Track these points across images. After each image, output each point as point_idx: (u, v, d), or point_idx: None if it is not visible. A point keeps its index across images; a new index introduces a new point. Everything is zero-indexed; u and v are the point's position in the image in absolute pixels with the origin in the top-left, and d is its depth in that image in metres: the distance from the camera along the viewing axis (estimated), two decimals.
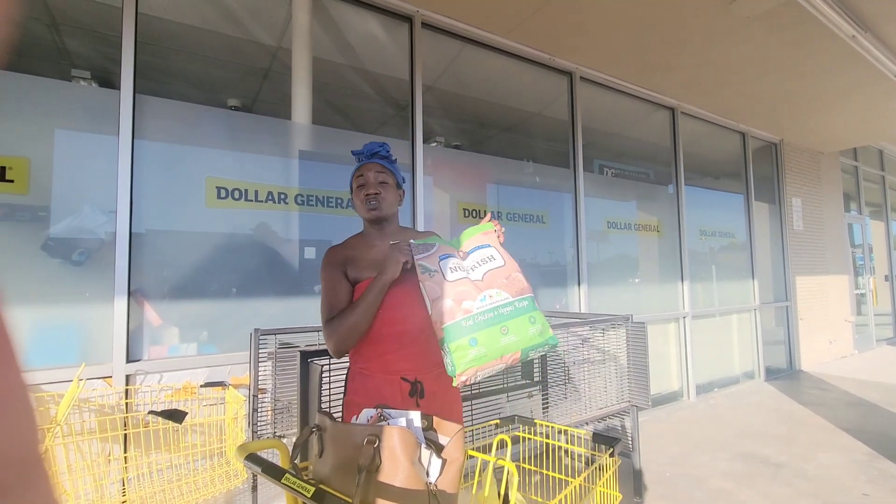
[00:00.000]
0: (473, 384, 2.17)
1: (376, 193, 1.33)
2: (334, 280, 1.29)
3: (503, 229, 1.36)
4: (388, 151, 1.42)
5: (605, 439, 1.24)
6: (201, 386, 2.02)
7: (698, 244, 4.83)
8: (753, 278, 5.31)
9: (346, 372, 1.34)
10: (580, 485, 1.10)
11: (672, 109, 4.57)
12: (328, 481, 0.84)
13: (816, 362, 5.97)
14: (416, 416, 0.92)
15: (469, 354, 1.07)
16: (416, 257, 1.21)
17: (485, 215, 1.40)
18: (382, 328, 1.24)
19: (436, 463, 0.85)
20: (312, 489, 0.72)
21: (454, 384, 1.10)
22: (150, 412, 1.66)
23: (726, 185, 5.44)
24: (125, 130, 2.05)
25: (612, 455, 1.20)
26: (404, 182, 1.44)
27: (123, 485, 1.76)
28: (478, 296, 1.15)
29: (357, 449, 0.80)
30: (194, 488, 1.74)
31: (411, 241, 1.28)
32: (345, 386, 1.34)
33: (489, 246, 1.28)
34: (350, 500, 0.75)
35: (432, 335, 1.25)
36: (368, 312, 1.20)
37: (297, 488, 0.73)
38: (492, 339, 1.09)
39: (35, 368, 1.82)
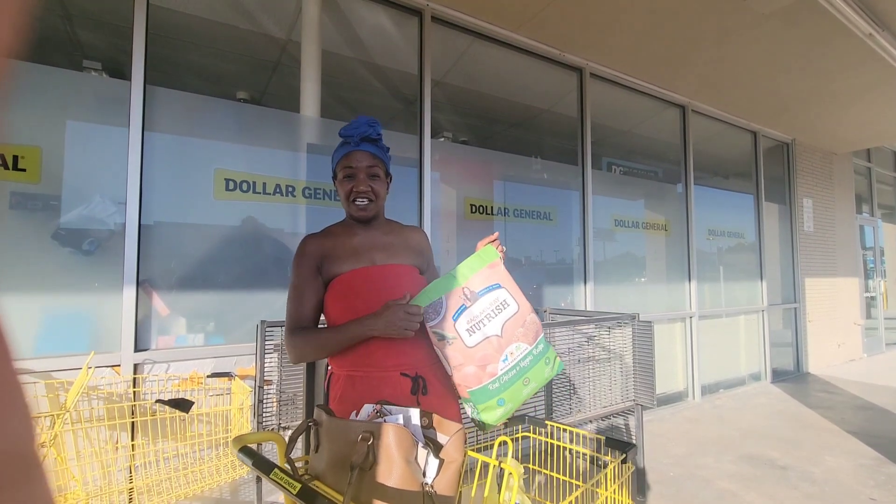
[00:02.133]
0: None
1: (366, 191, 1.19)
2: (305, 280, 1.18)
3: (504, 249, 1.26)
4: (379, 133, 1.23)
5: (620, 444, 1.22)
6: (208, 376, 2.04)
7: (706, 244, 4.79)
8: (762, 279, 5.26)
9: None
10: (589, 489, 1.09)
11: (683, 107, 4.52)
12: (323, 477, 0.83)
13: (824, 365, 5.91)
14: (414, 414, 0.90)
15: (497, 413, 1.12)
16: (428, 325, 1.13)
17: (493, 234, 1.26)
18: None
19: (433, 463, 0.84)
20: (299, 486, 0.71)
21: (484, 431, 1.17)
22: (158, 401, 1.68)
23: (736, 185, 5.38)
24: (135, 121, 2.06)
25: (624, 461, 1.17)
26: (389, 164, 1.30)
27: (131, 472, 1.78)
28: (500, 357, 1.13)
29: (351, 445, 0.79)
30: (200, 477, 1.76)
31: (421, 306, 1.13)
32: (326, 392, 1.20)
33: (500, 287, 1.19)
34: (340, 499, 0.74)
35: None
36: (336, 348, 1.12)
37: (284, 484, 0.73)
38: (516, 394, 1.14)
39: (45, 355, 1.85)
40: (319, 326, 1.21)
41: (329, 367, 1.22)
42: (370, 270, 1.19)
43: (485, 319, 1.15)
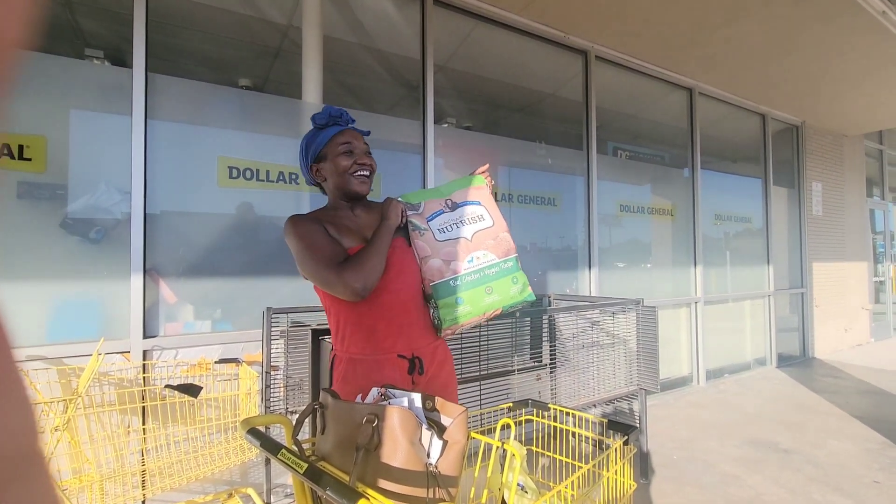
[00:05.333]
0: (483, 367, 2.19)
1: (369, 164, 1.21)
2: (320, 232, 1.15)
3: (492, 182, 1.35)
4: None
5: (621, 427, 1.23)
6: (215, 362, 2.07)
7: (713, 229, 4.75)
8: (769, 264, 5.23)
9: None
10: (591, 470, 1.10)
11: (690, 90, 4.45)
12: (329, 458, 0.85)
13: (831, 350, 5.89)
14: (416, 397, 0.92)
15: (455, 312, 1.18)
16: (408, 213, 1.23)
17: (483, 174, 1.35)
18: (376, 300, 1.13)
19: (437, 444, 0.85)
20: (305, 466, 0.73)
21: (439, 335, 1.22)
22: (167, 386, 1.71)
23: (744, 169, 5.32)
24: (138, 109, 2.07)
25: (626, 443, 1.18)
26: None
27: (142, 455, 1.83)
28: (465, 257, 1.21)
29: (356, 427, 0.80)
30: (210, 460, 1.80)
31: (399, 199, 1.25)
32: (330, 373, 1.22)
33: (479, 203, 1.29)
34: (346, 479, 0.75)
35: (423, 307, 1.23)
36: (385, 251, 1.12)
37: (291, 464, 0.74)
38: (477, 298, 1.19)
39: (56, 342, 1.88)
40: (327, 339, 1.24)
41: (332, 350, 1.24)
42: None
43: (458, 224, 1.24)
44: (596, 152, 3.70)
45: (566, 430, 1.41)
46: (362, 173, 1.21)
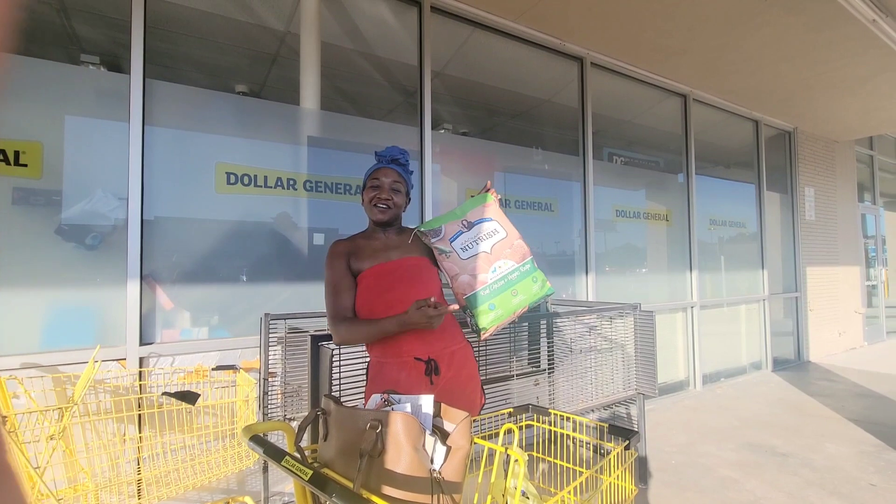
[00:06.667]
0: (481, 372, 2.18)
1: (387, 199, 1.44)
2: (339, 273, 1.40)
3: (499, 196, 1.56)
4: (407, 160, 1.52)
5: (622, 431, 1.23)
6: (213, 369, 2.05)
7: (708, 234, 4.78)
8: (763, 268, 5.27)
9: (358, 355, 1.44)
10: (592, 475, 1.10)
11: (684, 96, 4.50)
12: (332, 465, 0.84)
13: (825, 353, 5.93)
14: (426, 402, 0.91)
15: (490, 317, 1.36)
16: (431, 241, 1.40)
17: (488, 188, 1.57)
18: (390, 310, 1.31)
19: (440, 450, 0.85)
20: (310, 472, 0.73)
21: (480, 338, 1.40)
22: (164, 393, 1.69)
23: (738, 175, 5.36)
24: (136, 115, 2.06)
25: (627, 448, 1.18)
26: (412, 188, 1.56)
27: (138, 463, 1.80)
28: (489, 268, 1.38)
29: (360, 433, 0.80)
30: (207, 468, 1.78)
31: (420, 228, 1.44)
32: (366, 376, 1.44)
33: (491, 220, 1.47)
34: (350, 485, 0.75)
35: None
36: (375, 338, 1.33)
37: (296, 471, 0.74)
38: (505, 302, 1.36)
39: (51, 350, 1.86)
40: (363, 319, 1.43)
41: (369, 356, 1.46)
42: (386, 265, 1.41)
43: (478, 241, 1.42)
44: (592, 158, 3.72)
45: (566, 435, 1.41)
46: (380, 206, 1.44)
